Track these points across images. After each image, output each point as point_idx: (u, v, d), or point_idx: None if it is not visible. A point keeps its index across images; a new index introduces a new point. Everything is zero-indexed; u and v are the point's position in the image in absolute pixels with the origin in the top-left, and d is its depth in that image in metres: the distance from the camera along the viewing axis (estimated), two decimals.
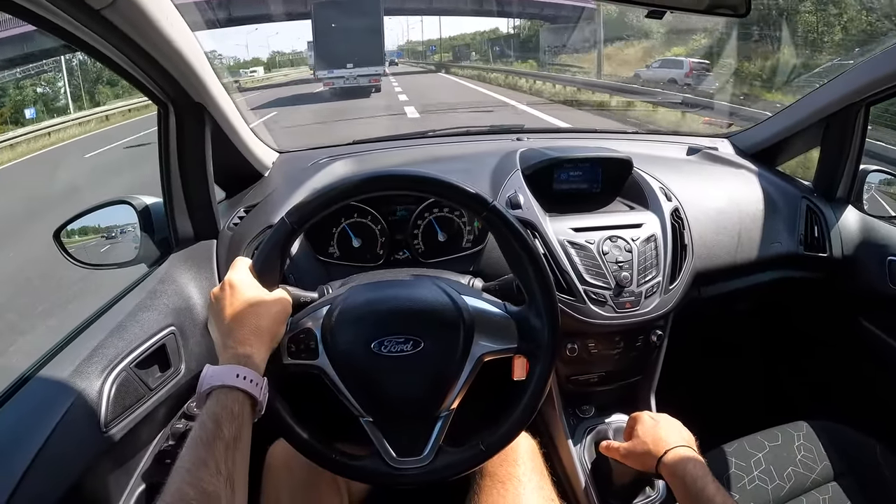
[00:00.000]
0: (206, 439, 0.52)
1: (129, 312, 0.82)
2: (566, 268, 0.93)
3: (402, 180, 0.70)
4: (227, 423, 0.54)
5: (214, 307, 0.64)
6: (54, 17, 0.62)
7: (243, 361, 0.58)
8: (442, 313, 0.68)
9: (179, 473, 0.50)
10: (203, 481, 0.49)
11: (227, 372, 0.57)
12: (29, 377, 0.72)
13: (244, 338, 0.60)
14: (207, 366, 0.58)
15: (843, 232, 1.15)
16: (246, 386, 0.57)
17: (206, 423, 0.53)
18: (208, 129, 0.93)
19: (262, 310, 0.63)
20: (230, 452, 0.52)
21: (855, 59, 1.59)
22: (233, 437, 0.53)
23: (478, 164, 1.12)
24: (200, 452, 0.51)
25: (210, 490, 0.49)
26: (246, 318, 0.62)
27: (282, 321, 0.66)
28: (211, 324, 0.65)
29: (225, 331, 0.61)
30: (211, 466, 0.50)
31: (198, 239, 0.99)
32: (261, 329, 0.62)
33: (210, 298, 0.65)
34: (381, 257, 1.01)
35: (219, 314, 0.63)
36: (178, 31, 0.76)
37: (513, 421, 0.68)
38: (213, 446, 0.52)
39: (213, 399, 0.55)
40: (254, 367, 0.58)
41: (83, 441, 0.70)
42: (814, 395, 1.37)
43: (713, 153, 1.32)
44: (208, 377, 0.57)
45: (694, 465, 0.72)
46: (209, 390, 0.56)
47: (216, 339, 0.63)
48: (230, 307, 0.62)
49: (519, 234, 0.68)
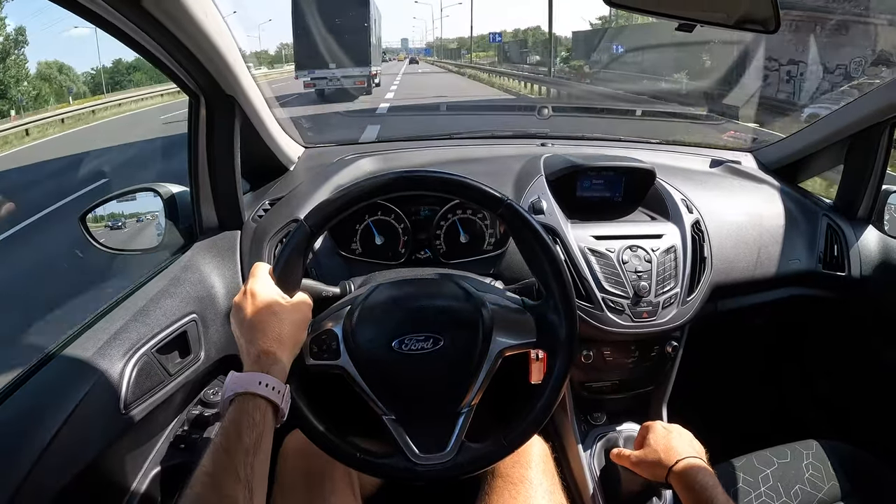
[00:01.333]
0: (227, 447, 0.54)
1: (152, 298, 0.84)
2: (585, 275, 0.94)
3: (421, 182, 0.71)
4: (248, 431, 0.55)
5: (237, 315, 0.65)
6: (96, 7, 0.63)
7: (266, 369, 0.59)
8: (460, 310, 0.69)
9: (200, 478, 0.52)
10: (224, 487, 0.51)
11: (251, 379, 0.58)
12: (52, 356, 0.73)
13: (267, 345, 0.61)
14: (231, 372, 0.59)
15: (863, 252, 1.15)
16: (268, 393, 0.58)
17: (229, 429, 0.55)
18: (238, 121, 0.94)
19: (284, 317, 0.64)
20: (250, 459, 0.54)
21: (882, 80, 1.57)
22: (253, 444, 0.55)
23: (503, 167, 1.13)
24: (222, 459, 0.53)
25: (229, 494, 0.51)
26: (268, 326, 0.63)
27: (303, 328, 0.67)
28: (235, 330, 0.66)
29: (249, 338, 0.63)
30: (231, 473, 0.52)
31: (222, 229, 1.00)
32: (283, 336, 0.63)
33: (233, 305, 0.66)
34: (402, 256, 1.02)
35: (242, 322, 0.64)
36: (214, 24, 0.77)
37: (533, 416, 0.69)
38: (235, 453, 0.53)
39: (235, 406, 0.57)
40: (277, 375, 0.60)
41: (102, 421, 0.71)
42: (825, 414, 1.37)
43: (736, 167, 1.31)
44: (231, 384, 0.58)
45: (704, 476, 0.73)
46: (232, 396, 0.57)
47: (240, 345, 0.64)
48: (253, 315, 0.63)
49: (535, 230, 0.69)
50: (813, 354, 1.39)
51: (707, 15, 0.83)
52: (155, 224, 1.01)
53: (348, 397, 0.69)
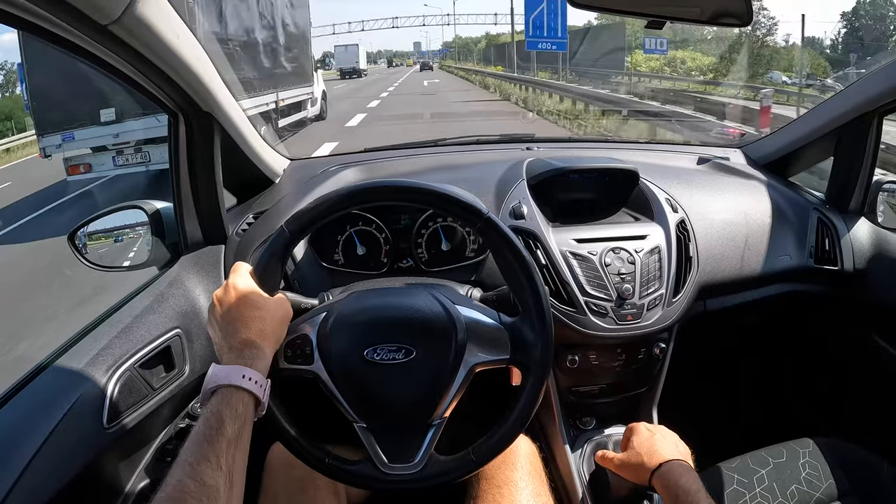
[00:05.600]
0: (209, 435, 0.54)
1: (137, 315, 0.85)
2: (567, 279, 0.93)
3: (399, 191, 0.71)
4: (231, 421, 0.56)
5: (217, 309, 0.66)
6: (63, 32, 0.64)
7: (249, 363, 0.60)
8: (434, 322, 0.69)
9: (181, 466, 0.52)
10: (204, 475, 0.51)
11: (234, 372, 0.59)
12: (37, 373, 0.75)
13: (250, 340, 0.62)
14: (213, 364, 0.60)
15: (856, 245, 1.13)
16: (251, 387, 0.59)
17: (210, 419, 0.55)
18: (217, 137, 0.95)
19: (265, 313, 0.65)
20: (231, 449, 0.54)
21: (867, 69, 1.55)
22: (235, 435, 0.55)
23: (486, 173, 1.13)
24: (203, 447, 0.53)
25: (210, 483, 0.51)
26: (251, 320, 0.63)
27: (284, 324, 0.68)
28: (212, 324, 0.66)
29: (230, 331, 0.63)
30: (212, 461, 0.52)
31: (207, 244, 1.02)
32: (265, 332, 0.64)
33: (212, 300, 0.67)
34: (384, 265, 1.03)
35: (222, 316, 0.65)
36: (186, 43, 0.78)
37: (504, 432, 0.69)
38: (216, 442, 0.54)
39: (217, 397, 0.57)
40: (259, 369, 0.61)
41: (86, 436, 0.72)
42: (822, 412, 1.34)
43: (724, 163, 1.30)
44: (214, 376, 0.59)
45: (687, 480, 0.72)
46: (214, 388, 0.58)
47: (217, 340, 0.65)
48: (235, 309, 0.64)
49: (514, 246, 0.69)
50: (807, 351, 1.37)
51: (680, 11, 0.82)
52: (142, 240, 1.03)
53: (323, 403, 0.69)
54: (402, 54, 56.73)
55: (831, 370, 1.32)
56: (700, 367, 1.27)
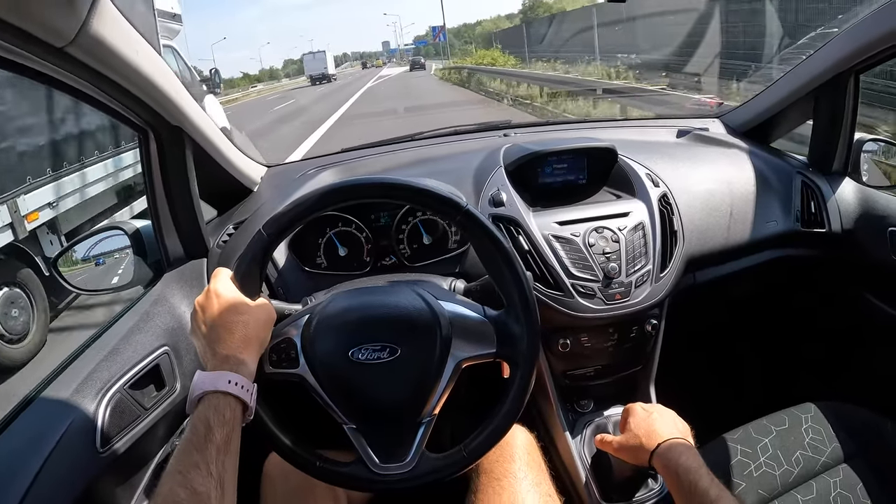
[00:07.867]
0: (197, 443, 0.53)
1: (123, 336, 0.84)
2: (552, 262, 0.93)
3: (374, 188, 0.70)
4: (219, 428, 0.55)
5: (200, 315, 0.65)
6: (16, 58, 0.63)
7: (235, 368, 0.59)
8: (417, 319, 0.68)
9: (171, 476, 0.51)
10: (194, 482, 0.51)
11: (219, 378, 0.58)
12: (24, 407, 0.74)
13: (234, 345, 0.62)
14: (199, 371, 0.60)
15: (842, 205, 1.12)
16: (237, 391, 0.58)
17: (198, 426, 0.55)
18: (189, 150, 0.94)
19: (249, 318, 0.64)
20: (221, 456, 0.53)
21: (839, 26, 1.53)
22: (224, 441, 0.55)
23: (464, 163, 1.12)
24: (192, 455, 0.53)
25: (201, 491, 0.50)
26: (234, 325, 0.63)
27: (268, 328, 0.67)
28: (196, 331, 0.66)
29: (214, 337, 0.63)
30: (202, 469, 0.52)
31: (189, 258, 1.01)
32: (249, 336, 0.63)
33: (195, 306, 0.66)
34: (367, 264, 1.02)
35: (205, 322, 0.64)
36: (147, 59, 0.77)
37: (494, 426, 0.68)
38: (205, 449, 0.53)
39: (204, 404, 0.57)
40: (245, 374, 0.60)
41: (80, 463, 0.71)
42: (820, 377, 1.33)
43: (704, 134, 1.29)
44: (200, 382, 0.58)
45: (687, 458, 0.70)
46: (201, 395, 0.57)
47: (201, 347, 0.64)
48: (218, 315, 0.64)
49: (495, 238, 0.68)
50: (801, 316, 1.36)
51: None
52: (125, 261, 1.02)
53: (312, 406, 0.69)
54: (370, 55, 55.93)
55: (827, 334, 1.31)
56: (694, 340, 1.26)
